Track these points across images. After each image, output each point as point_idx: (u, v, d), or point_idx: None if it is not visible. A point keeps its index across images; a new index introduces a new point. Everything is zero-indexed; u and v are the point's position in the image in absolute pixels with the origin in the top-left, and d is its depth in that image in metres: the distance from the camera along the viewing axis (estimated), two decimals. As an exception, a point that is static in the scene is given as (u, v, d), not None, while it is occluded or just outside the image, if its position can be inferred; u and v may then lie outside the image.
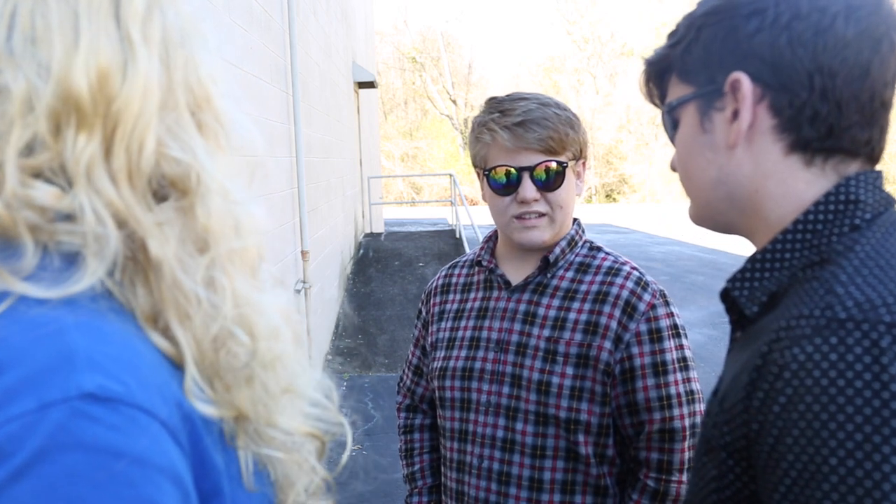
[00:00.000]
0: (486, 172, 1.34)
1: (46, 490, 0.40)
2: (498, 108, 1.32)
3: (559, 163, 1.30)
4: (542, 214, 1.32)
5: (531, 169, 1.29)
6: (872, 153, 0.70)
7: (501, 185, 1.32)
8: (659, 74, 0.82)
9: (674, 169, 0.84)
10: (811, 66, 0.66)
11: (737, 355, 0.71)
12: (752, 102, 0.69)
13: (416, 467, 1.56)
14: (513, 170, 1.30)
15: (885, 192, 0.70)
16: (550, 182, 1.30)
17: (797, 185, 0.70)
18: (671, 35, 0.78)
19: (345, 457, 0.64)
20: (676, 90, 0.78)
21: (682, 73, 0.77)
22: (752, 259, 0.72)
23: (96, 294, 0.49)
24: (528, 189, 1.30)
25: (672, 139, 0.82)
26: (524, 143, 1.28)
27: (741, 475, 0.64)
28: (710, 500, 0.68)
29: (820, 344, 0.56)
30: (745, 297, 0.72)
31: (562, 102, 1.35)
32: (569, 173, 1.33)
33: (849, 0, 0.67)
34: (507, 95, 1.36)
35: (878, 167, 0.72)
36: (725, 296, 0.76)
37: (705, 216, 0.80)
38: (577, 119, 1.35)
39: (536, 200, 1.31)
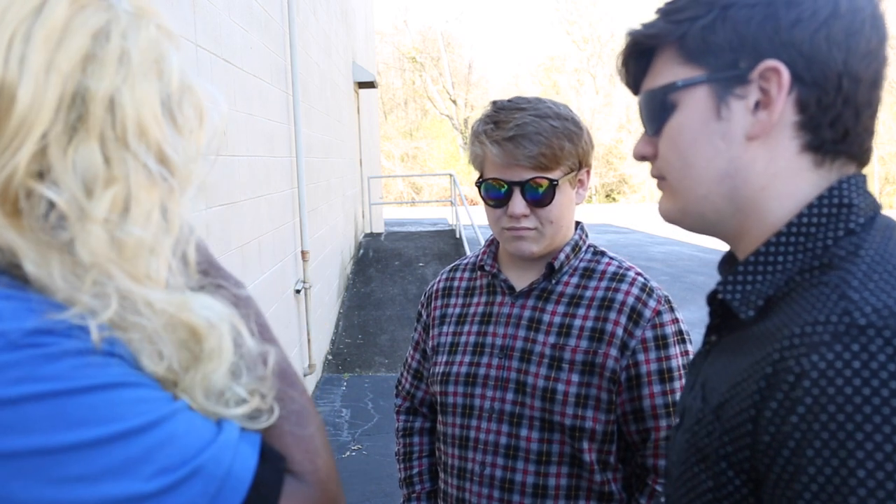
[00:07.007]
0: (480, 183, 1.33)
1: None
2: (493, 119, 1.29)
3: (549, 180, 1.27)
4: (531, 228, 1.30)
5: (522, 184, 1.27)
6: (867, 160, 0.70)
7: (493, 198, 1.31)
8: (644, 51, 0.75)
9: (643, 158, 0.77)
10: (842, 68, 0.65)
11: (728, 361, 0.68)
12: (785, 94, 0.66)
13: (415, 471, 1.53)
14: (504, 184, 1.28)
15: (872, 196, 0.69)
16: (541, 198, 1.28)
17: (803, 185, 0.68)
18: (672, 11, 0.71)
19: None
20: (676, 70, 0.72)
21: (692, 53, 0.70)
22: (744, 262, 0.70)
23: None
24: (517, 205, 1.28)
25: (656, 123, 0.75)
26: (514, 159, 1.26)
27: (741, 487, 0.62)
28: None
29: (841, 351, 0.54)
30: (737, 301, 0.69)
31: (564, 111, 1.30)
32: (563, 188, 1.29)
33: (873, 9, 0.66)
34: (509, 101, 1.32)
35: (878, 169, 0.72)
36: (713, 299, 0.74)
37: (695, 212, 0.74)
38: (577, 129, 1.30)
39: (526, 216, 1.29)
